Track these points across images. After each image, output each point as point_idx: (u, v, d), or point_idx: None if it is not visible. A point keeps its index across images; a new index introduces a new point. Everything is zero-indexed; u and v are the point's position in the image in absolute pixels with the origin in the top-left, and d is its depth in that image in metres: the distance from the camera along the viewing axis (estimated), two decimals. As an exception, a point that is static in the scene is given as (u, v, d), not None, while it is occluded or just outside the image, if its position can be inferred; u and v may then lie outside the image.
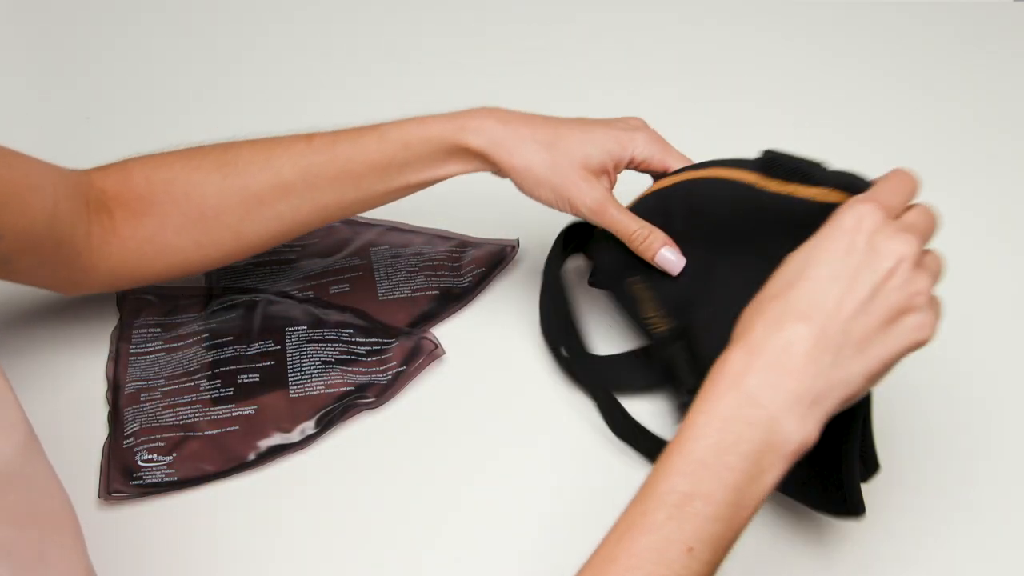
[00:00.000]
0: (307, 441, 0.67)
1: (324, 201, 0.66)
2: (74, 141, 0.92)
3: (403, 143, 0.64)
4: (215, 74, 1.00)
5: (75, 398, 0.69)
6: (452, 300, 0.76)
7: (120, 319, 0.74)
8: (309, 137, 0.66)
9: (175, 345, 0.72)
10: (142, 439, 0.66)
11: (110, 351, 0.72)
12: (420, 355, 0.71)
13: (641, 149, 0.66)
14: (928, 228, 0.51)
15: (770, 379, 0.45)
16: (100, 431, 0.67)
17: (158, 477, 0.64)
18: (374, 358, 0.71)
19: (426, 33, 1.06)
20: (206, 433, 0.66)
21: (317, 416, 0.67)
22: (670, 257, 0.66)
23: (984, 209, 0.85)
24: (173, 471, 0.64)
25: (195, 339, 0.72)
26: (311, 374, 0.69)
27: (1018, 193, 0.86)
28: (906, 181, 0.52)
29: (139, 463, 0.64)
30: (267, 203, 0.66)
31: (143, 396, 0.68)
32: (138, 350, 0.72)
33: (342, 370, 0.70)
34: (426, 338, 0.72)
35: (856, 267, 0.47)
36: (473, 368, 0.72)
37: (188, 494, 0.64)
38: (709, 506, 0.44)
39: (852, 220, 0.48)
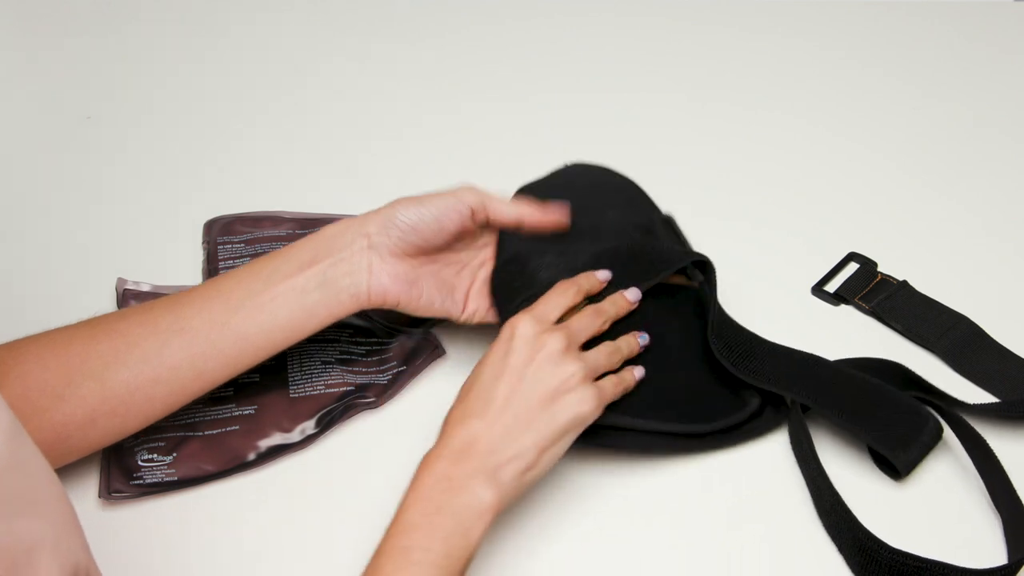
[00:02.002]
0: (307, 441, 0.67)
1: (190, 325, 0.61)
2: (74, 141, 0.93)
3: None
4: (215, 74, 1.00)
5: (75, 398, 0.69)
6: (452, 300, 0.76)
7: (120, 319, 0.74)
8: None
9: (175, 345, 0.72)
10: (142, 439, 0.66)
11: (110, 351, 0.72)
12: (420, 355, 0.71)
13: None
14: (586, 328, 0.64)
15: (459, 464, 0.57)
16: (100, 431, 0.67)
17: (158, 477, 0.64)
18: (374, 358, 0.71)
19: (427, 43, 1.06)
20: (206, 433, 0.66)
21: (317, 416, 0.67)
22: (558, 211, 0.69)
23: (984, 209, 0.85)
24: (173, 471, 0.64)
25: (195, 339, 0.72)
26: (311, 374, 0.69)
27: (1018, 193, 0.86)
28: (563, 291, 0.65)
29: (139, 463, 0.64)
30: (134, 343, 0.60)
31: (143, 396, 0.68)
32: (138, 350, 0.72)
33: (342, 370, 0.70)
34: (426, 338, 0.72)
35: (511, 364, 0.60)
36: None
37: (188, 494, 0.64)
38: (426, 554, 0.53)
39: (508, 331, 0.62)
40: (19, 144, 0.93)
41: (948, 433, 0.66)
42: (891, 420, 0.64)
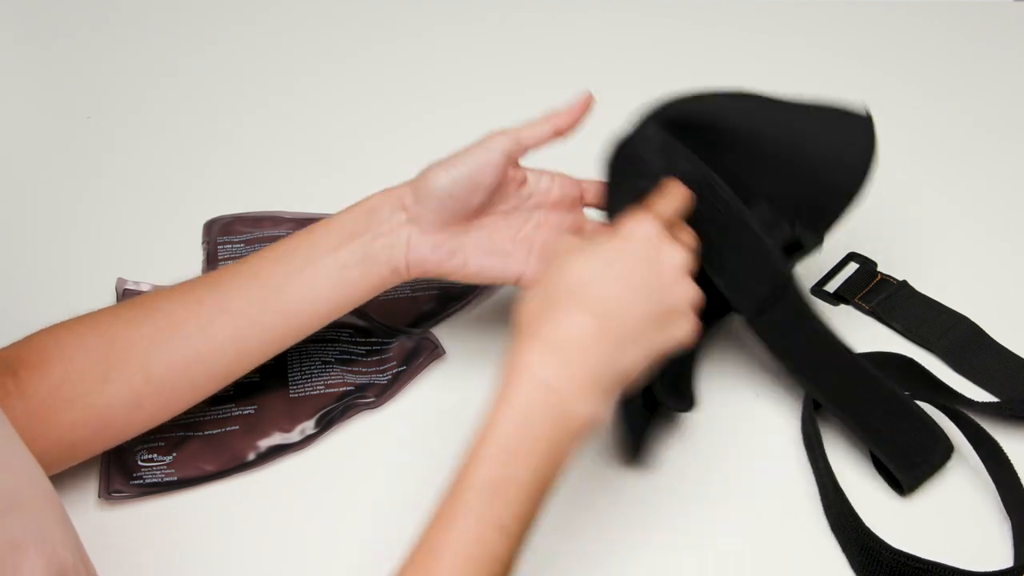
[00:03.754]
0: (307, 441, 0.67)
1: (233, 306, 0.61)
2: (74, 141, 0.93)
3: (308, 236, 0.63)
4: (215, 74, 1.00)
5: (75, 398, 0.69)
6: (452, 300, 0.76)
7: (120, 319, 0.74)
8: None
9: (175, 345, 0.72)
10: (142, 439, 0.66)
11: (110, 351, 0.72)
12: (420, 355, 0.71)
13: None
14: (693, 248, 0.59)
15: (563, 368, 0.51)
16: (100, 431, 0.67)
17: (158, 477, 0.64)
18: (374, 358, 0.71)
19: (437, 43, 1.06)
20: (206, 433, 0.67)
21: (317, 416, 0.68)
22: None
23: (984, 210, 0.84)
24: (173, 471, 0.64)
25: (195, 339, 0.72)
26: (311, 374, 0.69)
27: (1018, 193, 0.86)
28: (680, 194, 0.61)
29: (139, 463, 0.64)
30: (177, 324, 0.60)
31: (143, 396, 0.68)
32: (138, 350, 0.72)
33: (342, 370, 0.70)
34: (426, 338, 0.72)
35: (632, 266, 0.53)
36: (473, 368, 0.72)
37: (188, 494, 0.64)
38: (517, 487, 0.49)
39: (630, 228, 0.55)
40: (19, 144, 0.93)
41: (959, 436, 0.66)
42: (904, 436, 0.63)
